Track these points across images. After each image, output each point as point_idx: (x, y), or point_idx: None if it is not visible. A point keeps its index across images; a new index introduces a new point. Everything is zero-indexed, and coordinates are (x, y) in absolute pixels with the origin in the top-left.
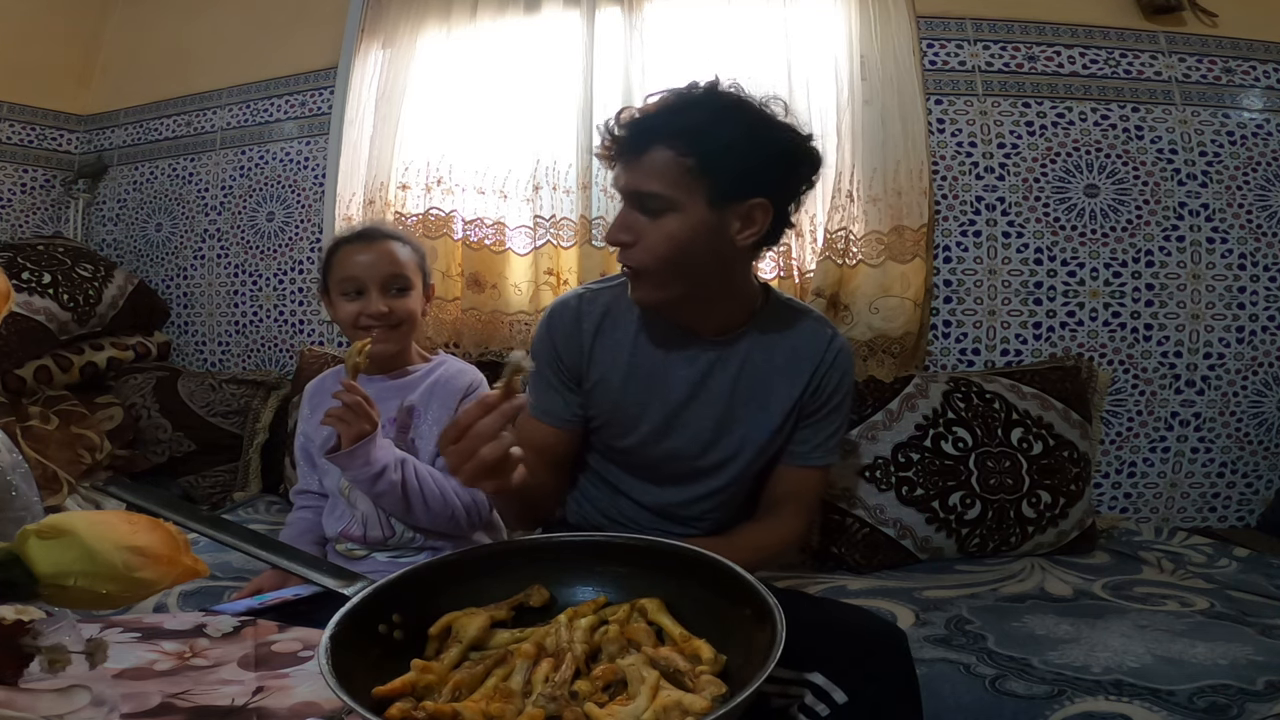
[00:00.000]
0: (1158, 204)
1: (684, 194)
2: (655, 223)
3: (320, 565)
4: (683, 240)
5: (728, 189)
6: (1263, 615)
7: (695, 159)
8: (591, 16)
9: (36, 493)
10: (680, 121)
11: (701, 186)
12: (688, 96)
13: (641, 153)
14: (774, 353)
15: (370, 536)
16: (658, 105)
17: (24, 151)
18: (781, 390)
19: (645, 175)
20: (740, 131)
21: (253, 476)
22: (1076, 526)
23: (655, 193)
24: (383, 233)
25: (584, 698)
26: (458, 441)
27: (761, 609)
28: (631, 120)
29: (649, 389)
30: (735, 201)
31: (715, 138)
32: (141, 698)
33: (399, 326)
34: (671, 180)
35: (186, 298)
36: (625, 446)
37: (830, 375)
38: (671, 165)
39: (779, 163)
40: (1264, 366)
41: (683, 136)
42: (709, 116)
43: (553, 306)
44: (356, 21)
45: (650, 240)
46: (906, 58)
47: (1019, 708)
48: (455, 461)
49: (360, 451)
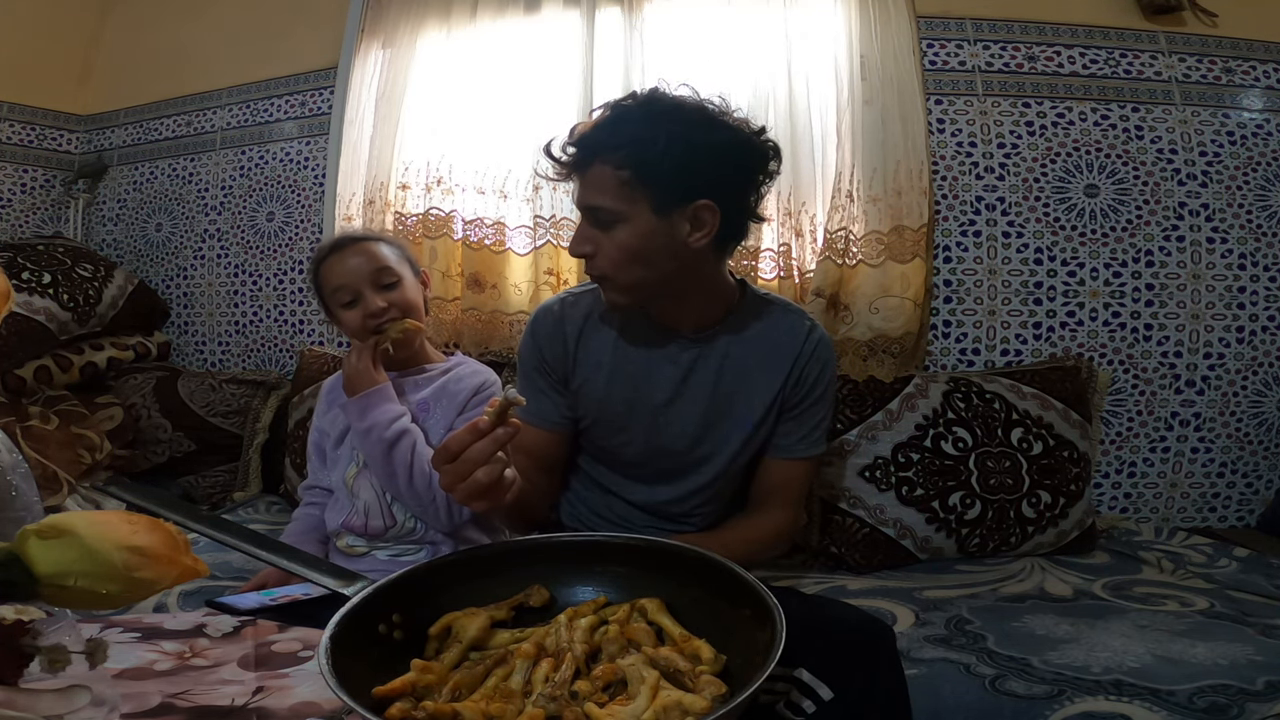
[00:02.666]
0: (1158, 204)
1: (628, 205)
2: (608, 234)
3: (320, 565)
4: (635, 248)
5: (669, 195)
6: (1263, 615)
7: (631, 171)
8: (591, 16)
9: (36, 493)
10: (615, 137)
11: (643, 196)
12: (622, 110)
13: (585, 169)
14: (753, 346)
15: (371, 526)
16: (595, 122)
17: (24, 151)
18: (762, 383)
19: (592, 190)
20: (674, 138)
21: (253, 476)
22: (1076, 526)
23: (602, 206)
24: (356, 236)
25: (584, 698)
26: (451, 463)
27: (761, 609)
28: (576, 139)
29: (634, 388)
30: (679, 206)
31: (649, 147)
32: (141, 698)
33: (408, 315)
34: (614, 193)
35: (186, 298)
36: (614, 445)
37: (810, 367)
38: (611, 179)
39: (719, 163)
40: (1264, 366)
41: (618, 150)
42: (641, 128)
43: (536, 312)
44: (356, 21)
45: (606, 250)
46: (906, 58)
47: (1019, 708)
48: (449, 481)
49: (363, 401)
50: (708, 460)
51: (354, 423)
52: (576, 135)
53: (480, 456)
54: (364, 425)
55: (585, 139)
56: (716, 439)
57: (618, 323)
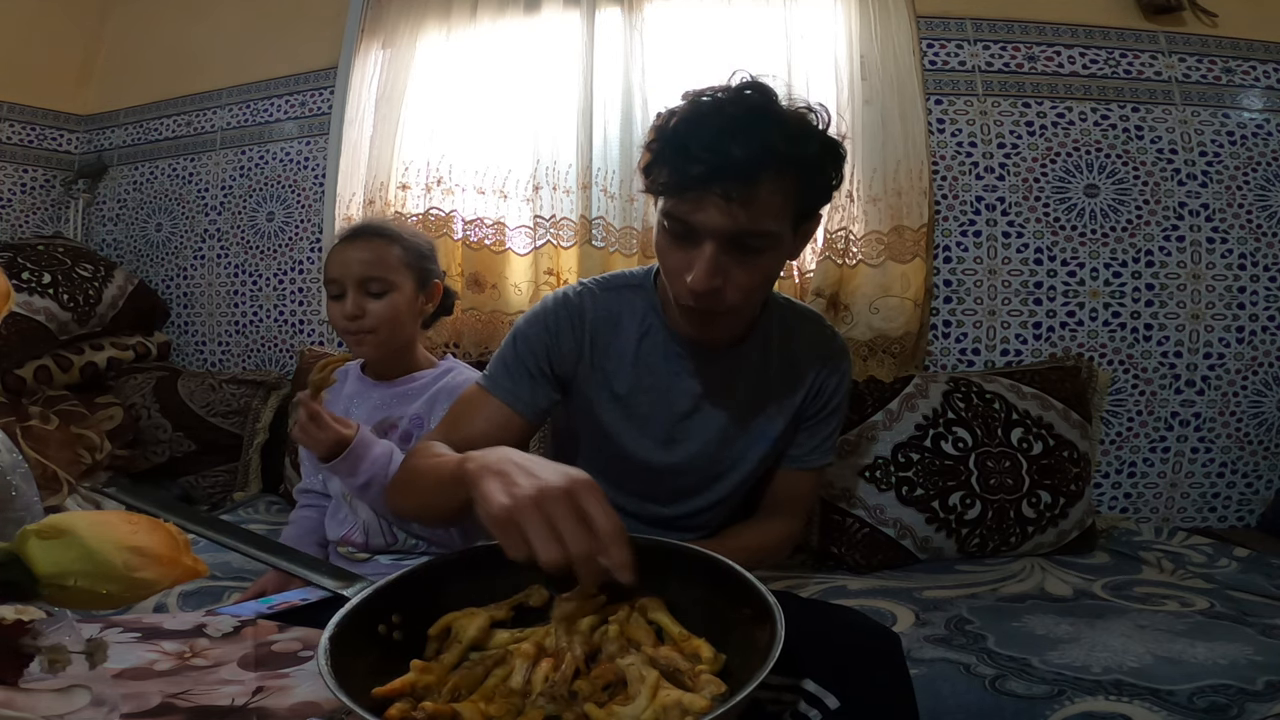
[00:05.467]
0: (1158, 204)
1: (783, 226)
2: (752, 261)
3: (320, 566)
4: (774, 274)
5: (808, 212)
6: (1263, 615)
7: (800, 189)
8: (591, 17)
9: (36, 493)
10: (797, 148)
11: (790, 214)
12: (762, 111)
13: (750, 185)
14: (775, 359)
15: (372, 544)
16: (751, 128)
17: (24, 151)
18: (783, 397)
19: (758, 212)
20: (828, 150)
21: (253, 476)
22: (1076, 526)
23: (769, 231)
24: (373, 230)
25: (584, 698)
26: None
27: (761, 608)
28: (752, 148)
29: (652, 401)
30: (807, 221)
31: (814, 165)
32: (141, 698)
33: (373, 332)
34: (778, 214)
35: (186, 298)
36: (629, 458)
37: (830, 378)
38: (777, 199)
39: (840, 176)
40: (1264, 366)
41: (795, 166)
42: (812, 141)
43: (556, 297)
44: (356, 22)
45: (740, 281)
46: (906, 58)
47: (1019, 708)
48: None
49: (347, 461)
50: (724, 476)
51: (346, 481)
52: (752, 144)
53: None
54: (359, 482)
55: (755, 152)
56: (733, 454)
57: (638, 330)
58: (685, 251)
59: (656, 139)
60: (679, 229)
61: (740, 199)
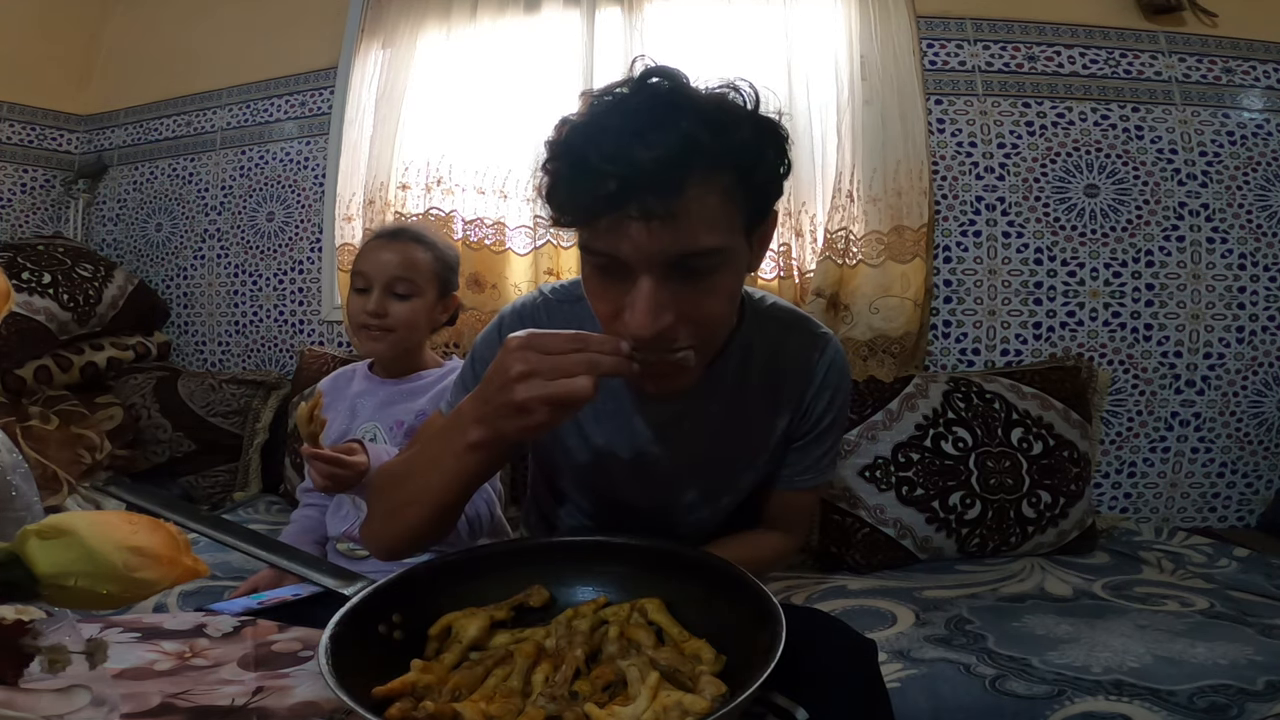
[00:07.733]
0: (1158, 204)
1: (731, 236)
2: (705, 285)
3: (320, 565)
4: (734, 293)
5: (758, 213)
6: (1263, 615)
7: (740, 188)
8: (591, 16)
9: (36, 493)
10: (721, 141)
11: (739, 219)
12: (677, 100)
13: (673, 198)
14: (754, 377)
15: None
16: (658, 124)
17: (24, 151)
18: (766, 420)
19: (696, 227)
20: (764, 131)
21: (253, 476)
22: (1076, 526)
23: (713, 247)
24: (410, 234)
25: (584, 698)
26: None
27: (761, 609)
28: (659, 156)
29: (616, 428)
30: (760, 223)
31: (753, 152)
32: (141, 698)
33: (392, 332)
34: (723, 225)
35: (186, 298)
36: (602, 493)
37: (820, 396)
38: (716, 205)
39: (785, 162)
40: (1264, 366)
41: (726, 159)
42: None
43: (513, 309)
44: (356, 22)
45: (697, 312)
46: (906, 58)
47: (1019, 708)
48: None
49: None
50: (698, 504)
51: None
52: (667, 141)
53: None
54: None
55: (673, 151)
56: (711, 485)
57: None
58: (619, 290)
59: (550, 155)
60: (604, 263)
61: (664, 214)
